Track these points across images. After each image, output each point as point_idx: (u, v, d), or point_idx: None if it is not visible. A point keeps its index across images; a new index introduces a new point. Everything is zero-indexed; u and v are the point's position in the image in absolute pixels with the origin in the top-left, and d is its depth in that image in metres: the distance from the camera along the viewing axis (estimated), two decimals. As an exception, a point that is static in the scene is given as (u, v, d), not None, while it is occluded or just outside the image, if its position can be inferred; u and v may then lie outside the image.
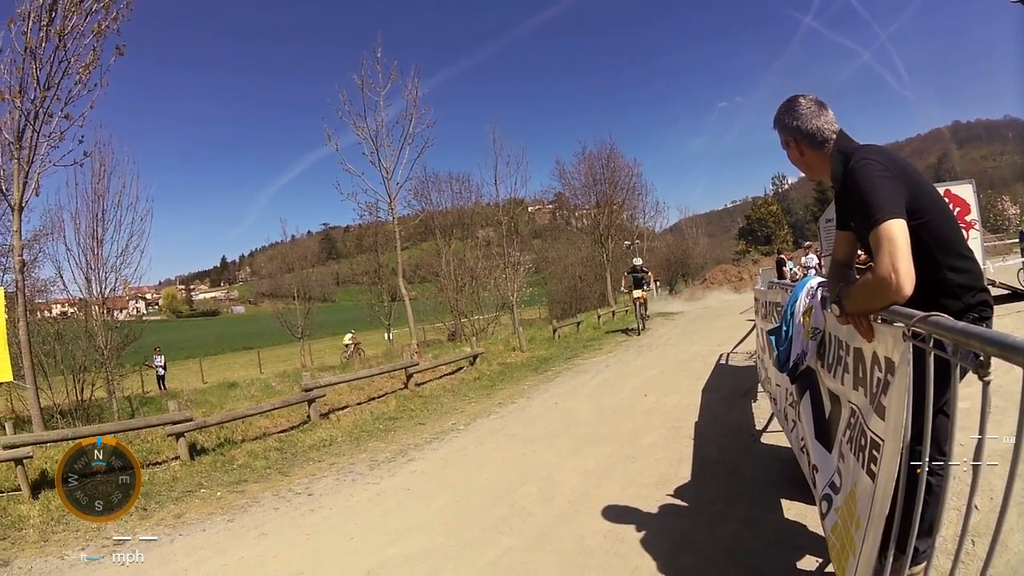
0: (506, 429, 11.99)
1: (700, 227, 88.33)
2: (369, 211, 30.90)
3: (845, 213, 4.09)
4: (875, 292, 3.39)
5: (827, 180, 4.11)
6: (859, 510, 3.45)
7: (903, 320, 3.10)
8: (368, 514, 8.14)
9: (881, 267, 3.29)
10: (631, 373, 16.51)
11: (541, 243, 60.27)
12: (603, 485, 7.87)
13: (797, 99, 4.09)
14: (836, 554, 3.86)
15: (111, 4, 13.46)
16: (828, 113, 4.00)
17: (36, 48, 12.92)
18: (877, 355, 3.48)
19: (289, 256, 71.78)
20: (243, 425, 13.57)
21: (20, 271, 13.70)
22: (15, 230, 13.56)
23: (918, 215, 3.52)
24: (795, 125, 4.02)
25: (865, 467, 3.43)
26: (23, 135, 13.09)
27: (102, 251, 24.26)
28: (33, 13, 12.80)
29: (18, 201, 13.14)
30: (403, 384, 17.12)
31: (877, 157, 3.67)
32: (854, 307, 3.66)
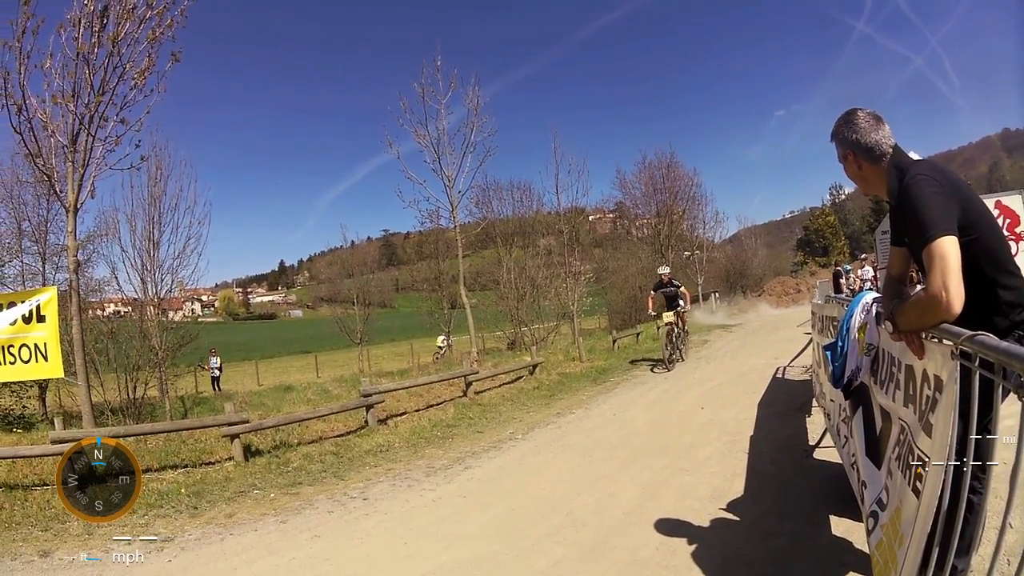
0: (564, 439, 11.97)
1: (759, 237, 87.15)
2: (430, 218, 30.95)
3: (899, 229, 4.11)
4: (926, 310, 3.41)
5: (883, 195, 4.08)
6: (903, 527, 3.45)
7: (951, 339, 3.13)
8: (423, 520, 8.15)
9: (932, 285, 3.30)
10: (689, 385, 16.43)
11: (601, 252, 59.92)
12: (658, 497, 7.86)
13: (855, 112, 4.06)
14: (879, 571, 3.86)
15: (164, 12, 13.48)
16: (885, 127, 3.98)
17: (89, 54, 13.01)
18: (927, 373, 3.50)
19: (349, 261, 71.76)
20: (299, 428, 13.67)
21: (74, 271, 13.79)
22: (69, 231, 13.72)
23: (969, 231, 3.51)
24: (854, 139, 4.00)
25: (911, 484, 3.45)
26: (77, 138, 13.18)
27: (158, 253, 24.48)
28: (84, 19, 12.89)
29: (73, 203, 13.24)
30: (462, 392, 17.06)
31: (931, 173, 3.67)
32: (906, 324, 3.67)
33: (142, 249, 24.24)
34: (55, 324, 11.77)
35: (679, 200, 52.63)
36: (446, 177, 25.39)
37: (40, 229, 25.53)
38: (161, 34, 13.48)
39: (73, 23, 12.83)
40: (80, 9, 12.83)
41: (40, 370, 11.84)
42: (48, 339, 11.59)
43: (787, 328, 27.57)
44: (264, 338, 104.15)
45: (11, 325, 11.52)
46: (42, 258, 25.59)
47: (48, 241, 25.64)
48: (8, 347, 11.51)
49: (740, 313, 48.52)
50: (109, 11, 13.01)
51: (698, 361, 21.82)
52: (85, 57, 12.90)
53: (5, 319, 11.55)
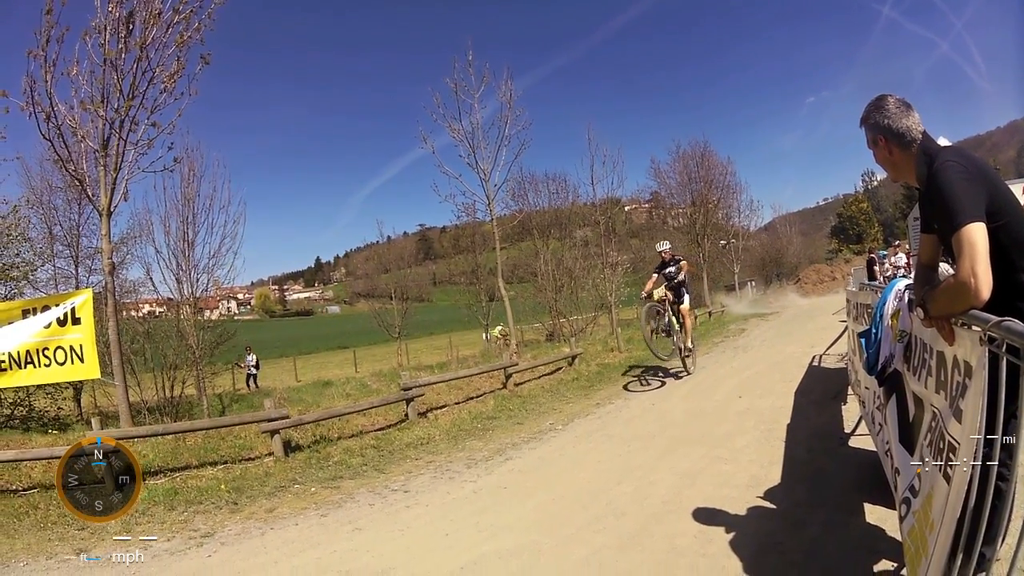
0: (603, 429, 12.00)
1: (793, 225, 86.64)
2: (466, 212, 30.90)
3: (928, 216, 4.10)
4: (955, 296, 3.42)
5: (912, 182, 4.09)
6: (934, 514, 3.47)
7: (979, 325, 3.16)
8: (464, 511, 8.21)
9: (962, 271, 3.32)
10: (726, 375, 16.46)
11: (638, 242, 59.72)
12: (696, 486, 7.89)
13: (886, 98, 4.07)
14: (910, 557, 3.89)
15: (191, 15, 13.45)
16: (915, 114, 3.98)
17: (116, 59, 13.05)
18: (957, 359, 3.54)
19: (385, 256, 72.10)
20: (339, 423, 13.69)
21: (109, 273, 13.82)
22: (104, 234, 13.73)
23: (997, 217, 3.53)
24: (886, 123, 3.99)
25: (942, 470, 3.46)
26: (108, 143, 13.25)
27: (193, 253, 24.61)
28: (109, 26, 12.92)
29: (106, 206, 13.33)
30: (502, 384, 17.11)
31: (959, 159, 3.68)
32: (937, 311, 3.69)
33: (177, 249, 24.35)
34: (91, 326, 11.88)
35: (714, 189, 52.37)
36: (481, 171, 25.14)
37: (72, 233, 25.69)
38: (189, 38, 13.53)
39: (98, 30, 12.91)
40: (105, 16, 12.92)
41: (76, 371, 11.96)
42: (84, 341, 11.67)
43: (823, 316, 27.45)
44: (301, 334, 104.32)
45: (45, 328, 11.63)
46: (75, 261, 25.77)
47: (81, 244, 25.83)
48: (43, 349, 11.63)
49: (776, 301, 48.35)
50: (135, 16, 13.08)
51: (735, 350, 21.87)
52: (113, 63, 12.99)
53: (39, 322, 11.67)
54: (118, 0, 12.96)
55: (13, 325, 11.86)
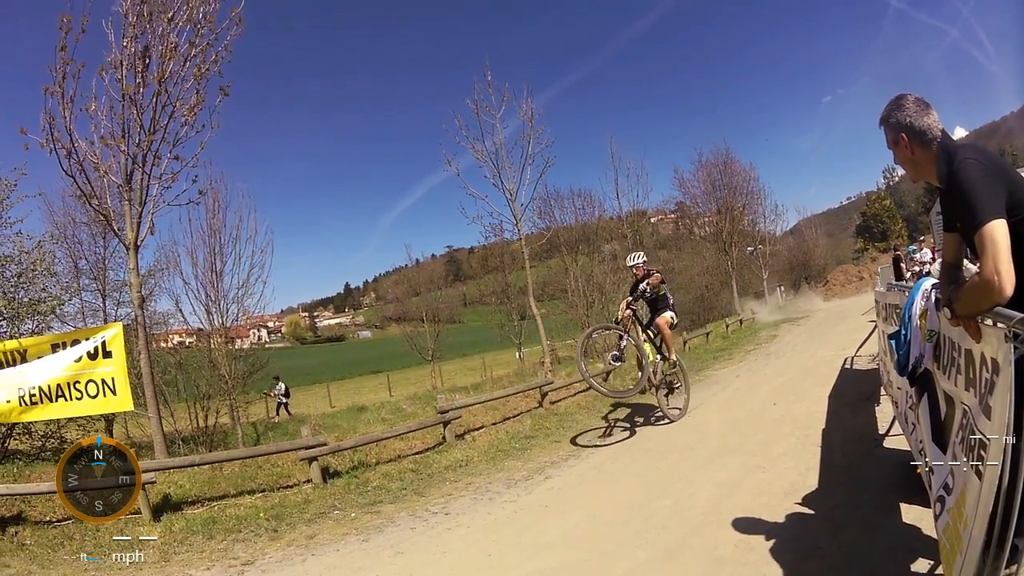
0: (641, 444, 12.02)
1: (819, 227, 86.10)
2: (494, 232, 30.91)
3: (950, 215, 4.13)
4: (980, 294, 3.45)
5: (933, 180, 4.08)
6: (967, 509, 3.51)
7: (1004, 321, 3.22)
8: (506, 531, 8.26)
9: (985, 269, 3.34)
10: (760, 382, 16.41)
11: (666, 254, 59.56)
12: (735, 496, 7.93)
13: (905, 96, 4.08)
14: (946, 554, 3.92)
15: (208, 48, 13.64)
16: (934, 112, 3.99)
17: (135, 94, 13.17)
18: (984, 356, 3.57)
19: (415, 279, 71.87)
20: (377, 448, 13.66)
21: (139, 307, 14.10)
22: (131, 267, 13.89)
23: (1017, 212, 3.55)
24: (908, 122, 3.99)
25: (974, 467, 3.49)
26: (132, 177, 13.38)
27: (222, 284, 24.82)
28: (126, 61, 13.07)
29: (132, 240, 13.45)
30: (538, 403, 16.94)
31: (977, 156, 3.69)
32: (963, 309, 3.72)
33: (205, 280, 24.58)
34: (123, 359, 11.94)
35: (738, 196, 52.22)
36: (507, 191, 25.25)
37: (98, 267, 25.87)
38: (207, 70, 13.67)
39: (115, 65, 13.06)
40: (121, 51, 13.08)
41: (109, 404, 12.04)
42: (116, 374, 11.74)
43: (852, 317, 27.28)
44: (334, 360, 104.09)
45: (76, 362, 11.70)
46: (102, 295, 25.93)
47: (107, 278, 26.07)
48: (74, 383, 11.71)
49: (805, 305, 48.14)
50: (151, 51, 13.24)
51: (768, 357, 21.83)
52: (131, 98, 13.12)
53: (69, 356, 11.77)
54: (133, 35, 13.13)
55: (43, 360, 11.90)
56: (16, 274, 16.23)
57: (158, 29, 13.26)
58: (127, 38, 13.08)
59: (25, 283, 16.39)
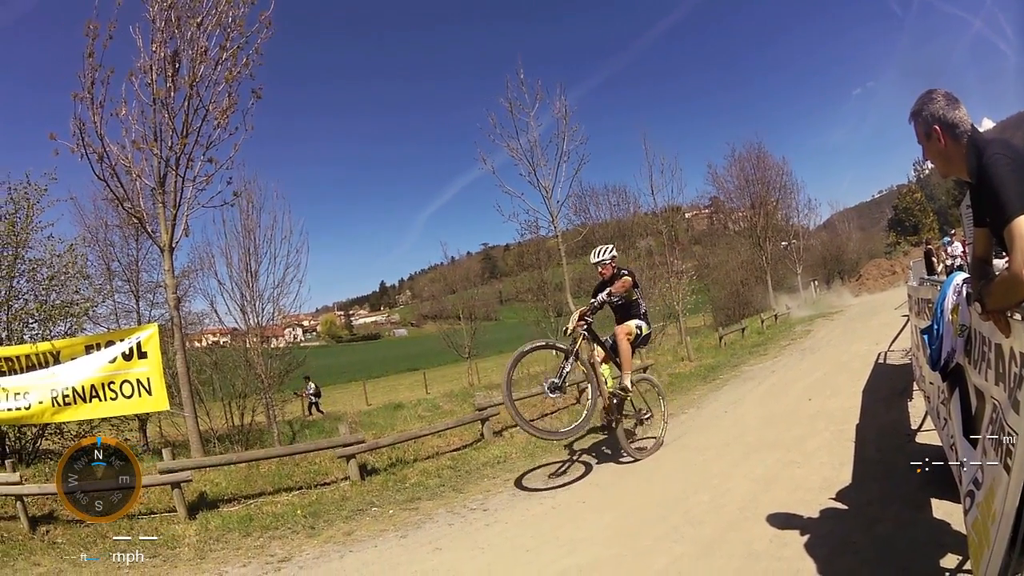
0: (678, 439, 12.00)
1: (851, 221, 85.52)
2: (530, 229, 30.97)
3: (980, 210, 4.09)
4: (1010, 289, 3.47)
5: (963, 175, 4.06)
6: (996, 504, 3.51)
7: (1032, 315, 3.22)
8: (544, 527, 8.29)
9: (1014, 264, 3.34)
10: (795, 378, 16.42)
11: (701, 249, 59.38)
12: (770, 491, 7.99)
13: (934, 90, 4.08)
14: (974, 549, 3.94)
15: (238, 51, 13.78)
16: (963, 107, 3.98)
17: (166, 98, 13.32)
18: (1014, 351, 3.58)
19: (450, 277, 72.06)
20: (415, 445, 13.79)
21: (175, 308, 14.35)
22: (167, 269, 14.09)
23: None
24: (941, 115, 3.97)
25: (1002, 461, 3.51)
26: (165, 180, 13.53)
27: (257, 284, 25.03)
28: (155, 65, 13.23)
29: (167, 242, 13.61)
30: (575, 399, 16.94)
31: (1006, 151, 3.70)
32: (993, 304, 3.72)
33: (240, 281, 24.78)
34: (158, 359, 12.22)
35: (771, 190, 52.05)
36: (543, 188, 25.60)
37: (131, 269, 26.29)
38: (238, 73, 13.81)
39: (144, 70, 13.25)
40: (150, 56, 13.24)
41: (144, 404, 12.32)
42: (151, 374, 12.02)
43: (885, 312, 27.09)
44: (370, 358, 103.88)
45: (111, 363, 11.93)
46: (135, 296, 26.31)
47: (140, 279, 26.38)
48: (108, 383, 11.92)
49: (839, 300, 47.94)
50: (180, 55, 13.39)
51: (803, 352, 21.82)
52: (163, 102, 13.27)
53: (104, 357, 11.90)
54: (162, 40, 13.27)
55: (77, 361, 12.25)
56: (48, 277, 16.41)
57: (187, 34, 13.44)
58: (156, 43, 13.26)
59: (57, 286, 16.56)
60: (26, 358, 12.59)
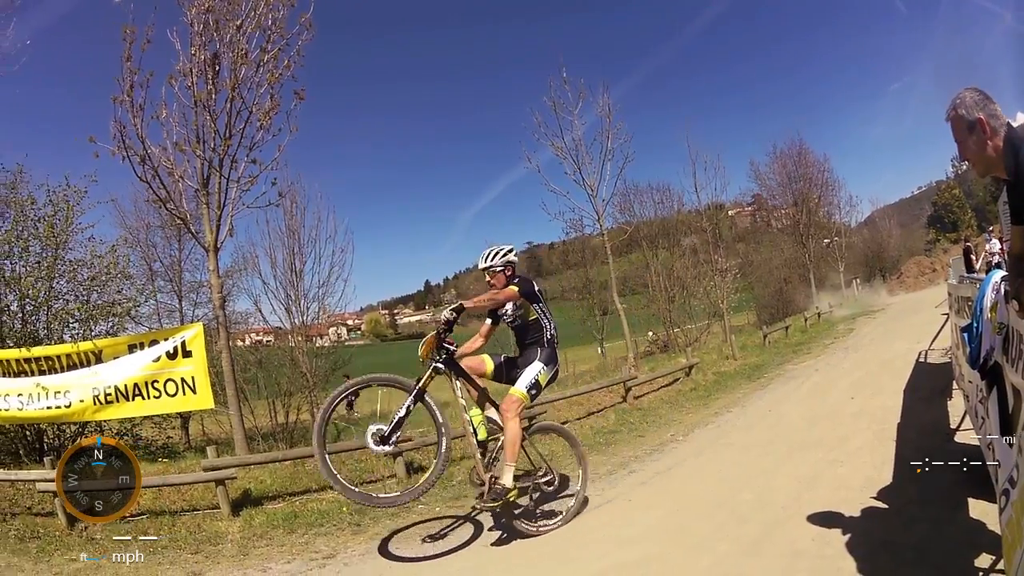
0: (724, 438, 12.18)
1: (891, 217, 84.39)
2: (574, 227, 31.03)
3: (1018, 207, 4.10)
4: None
5: (1001, 173, 4.08)
6: (1031, 502, 3.53)
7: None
8: (590, 524, 8.30)
9: None
10: (838, 377, 16.43)
11: (744, 247, 59.05)
12: (814, 490, 8.05)
13: (970, 90, 4.10)
14: (1007, 548, 3.95)
15: (279, 53, 13.74)
16: (996, 104, 4.00)
17: (207, 100, 13.32)
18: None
19: (495, 276, 71.90)
20: (461, 443, 13.07)
21: (220, 307, 14.46)
22: (212, 269, 14.21)
23: None
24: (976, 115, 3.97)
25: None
26: (209, 182, 13.54)
27: (301, 283, 25.33)
28: (195, 68, 13.24)
29: (212, 243, 13.61)
30: (621, 398, 17.11)
31: None
32: None
33: (284, 280, 25.14)
34: (203, 358, 12.26)
35: (813, 187, 51.79)
36: (588, 186, 25.73)
37: (173, 269, 26.82)
38: (280, 75, 13.80)
39: (184, 73, 13.29)
40: (189, 59, 13.29)
41: (188, 402, 12.35)
42: (196, 372, 12.07)
43: (926, 310, 26.69)
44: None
45: (155, 362, 11.97)
46: (178, 296, 26.90)
47: (183, 279, 26.78)
48: (152, 382, 11.96)
49: (881, 298, 47.64)
50: (220, 58, 13.43)
51: (845, 351, 21.89)
52: (204, 104, 13.32)
53: (148, 356, 12.01)
54: (201, 43, 13.32)
55: (119, 360, 12.31)
56: (89, 277, 16.58)
57: (226, 37, 13.47)
58: (195, 46, 13.31)
59: (98, 286, 16.75)
60: (67, 357, 12.65)
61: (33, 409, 12.46)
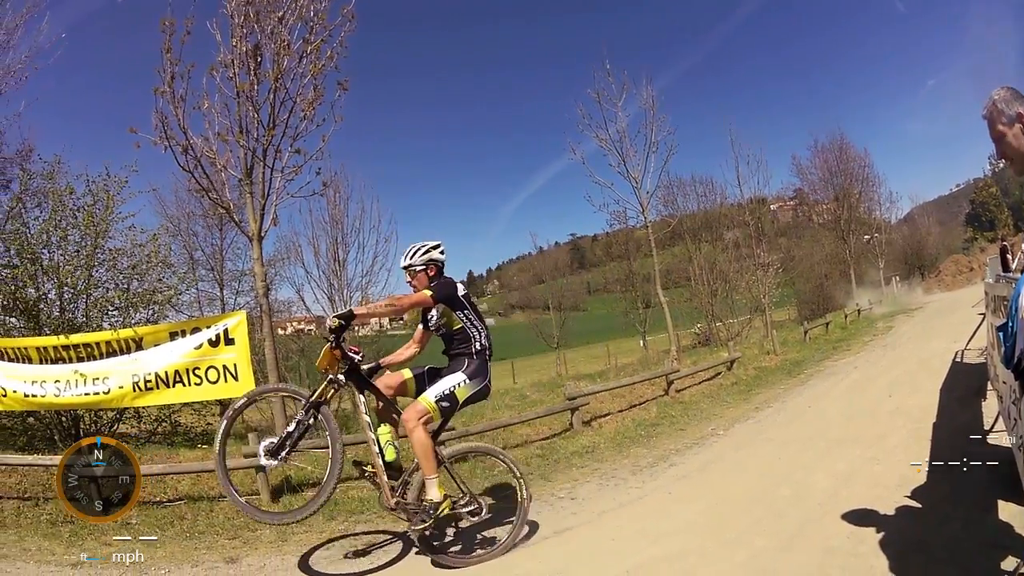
0: (763, 433, 12.40)
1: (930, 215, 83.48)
2: (618, 219, 31.13)
3: None
4: None
5: None
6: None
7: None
8: (629, 516, 8.44)
9: None
10: (877, 375, 16.54)
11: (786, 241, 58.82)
12: (850, 486, 8.15)
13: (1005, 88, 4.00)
14: None
15: (322, 44, 13.74)
16: None
17: (250, 91, 13.38)
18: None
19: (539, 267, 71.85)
20: (504, 433, 13.87)
21: (264, 295, 14.53)
22: (256, 258, 14.26)
23: None
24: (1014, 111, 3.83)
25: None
26: (252, 171, 13.65)
27: (344, 273, 25.56)
28: (236, 60, 13.27)
29: (256, 232, 13.74)
30: (663, 391, 17.30)
31: None
32: None
33: (328, 270, 25.31)
34: (245, 346, 12.30)
35: (854, 182, 51.56)
36: (632, 179, 25.82)
37: (214, 258, 27.06)
38: (323, 66, 13.86)
39: (225, 64, 13.37)
40: (230, 51, 13.37)
41: (230, 389, 12.26)
42: (239, 360, 12.08)
43: (964, 309, 26.42)
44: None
45: (196, 349, 12.02)
46: (219, 284, 27.09)
47: (225, 268, 27.10)
48: (194, 369, 12.01)
49: (919, 296, 47.42)
50: (262, 49, 13.52)
51: (884, 348, 22.00)
52: (247, 95, 13.43)
53: (189, 344, 12.14)
54: (241, 35, 13.39)
55: (160, 347, 12.38)
56: (130, 266, 16.71)
57: (267, 28, 13.55)
58: (235, 38, 13.39)
59: (139, 275, 16.99)
60: (106, 344, 12.73)
61: (70, 395, 12.57)
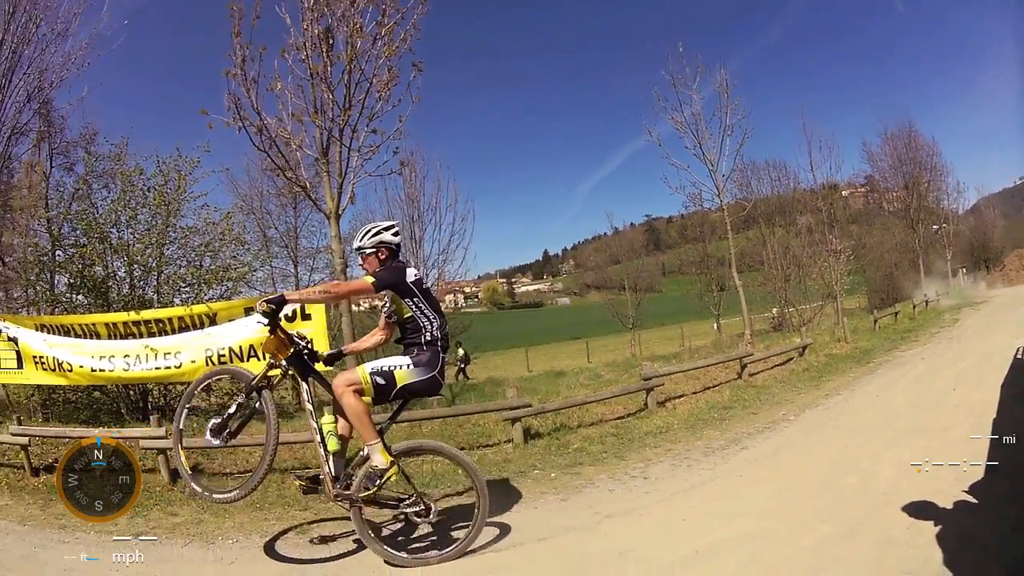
0: (833, 420, 12.53)
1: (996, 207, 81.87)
2: (693, 201, 31.26)
3: None
4: None
5: None
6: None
7: None
8: (701, 497, 8.69)
9: None
10: (943, 367, 16.52)
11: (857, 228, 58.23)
12: (914, 478, 8.18)
13: None
14: None
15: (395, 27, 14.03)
16: None
17: (323, 73, 13.81)
18: None
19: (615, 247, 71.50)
20: (579, 411, 13.92)
21: (342, 271, 15.03)
22: (334, 235, 14.79)
23: None
24: None
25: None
26: (328, 151, 14.16)
27: (420, 251, 25.92)
28: (308, 42, 13.72)
29: (333, 210, 14.25)
30: (736, 374, 17.24)
31: None
32: None
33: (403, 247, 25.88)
34: (322, 321, 12.85)
35: (924, 171, 51.12)
36: (708, 161, 26.20)
37: (288, 236, 27.52)
38: (396, 48, 14.22)
39: (296, 47, 13.90)
40: (302, 33, 13.86)
41: None
42: (315, 335, 12.25)
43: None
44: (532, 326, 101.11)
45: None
46: (293, 262, 27.53)
47: (299, 246, 27.67)
48: None
49: (985, 289, 47.03)
50: (333, 32, 13.95)
51: (950, 341, 21.82)
52: (321, 76, 13.94)
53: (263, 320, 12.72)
54: (312, 19, 13.86)
55: (235, 322, 13.10)
56: (202, 244, 17.61)
57: (338, 11, 13.96)
58: (306, 21, 13.85)
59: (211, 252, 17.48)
60: (179, 320, 13.47)
61: (140, 370, 13.28)
